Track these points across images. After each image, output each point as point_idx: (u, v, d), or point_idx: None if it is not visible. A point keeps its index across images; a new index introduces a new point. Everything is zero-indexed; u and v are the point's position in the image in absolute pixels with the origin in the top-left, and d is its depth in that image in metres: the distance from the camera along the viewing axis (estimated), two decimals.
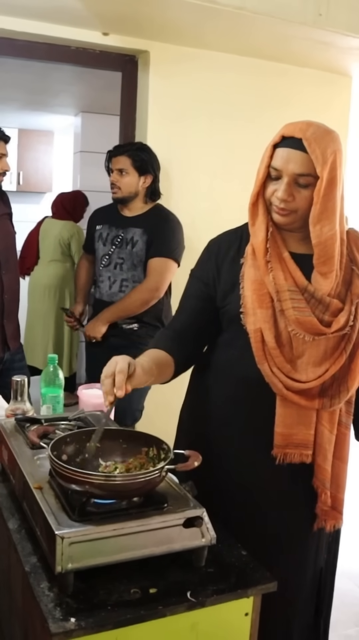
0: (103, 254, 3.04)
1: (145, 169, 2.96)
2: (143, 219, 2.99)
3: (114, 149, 3.04)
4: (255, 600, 1.28)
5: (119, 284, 2.99)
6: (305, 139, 1.44)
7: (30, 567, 1.25)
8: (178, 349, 1.64)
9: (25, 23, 2.89)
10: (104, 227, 3.07)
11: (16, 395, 1.86)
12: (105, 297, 3.04)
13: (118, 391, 1.35)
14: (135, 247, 2.95)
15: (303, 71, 3.50)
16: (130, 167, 2.95)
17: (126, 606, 1.16)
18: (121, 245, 2.98)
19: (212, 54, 3.28)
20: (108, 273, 3.02)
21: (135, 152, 2.97)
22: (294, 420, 1.54)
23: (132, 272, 2.97)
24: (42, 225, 4.66)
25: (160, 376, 1.59)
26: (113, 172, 2.99)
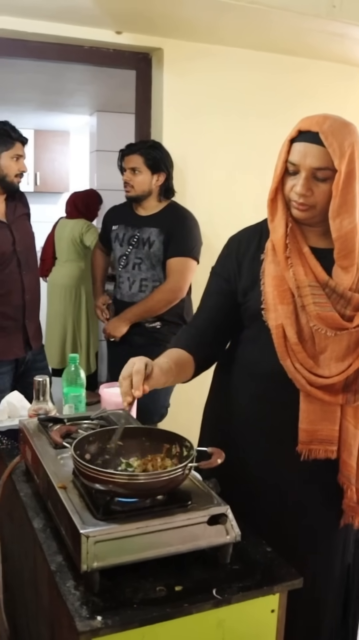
0: (121, 255, 3.04)
1: (157, 166, 2.96)
2: (159, 218, 2.99)
3: (126, 147, 3.04)
4: (281, 597, 1.27)
5: (139, 284, 3.00)
6: (322, 132, 1.42)
7: (55, 566, 1.26)
8: (198, 347, 1.64)
9: (37, 24, 2.90)
10: (120, 228, 3.07)
11: (38, 395, 1.87)
12: (126, 297, 3.04)
13: (135, 392, 1.36)
14: (152, 247, 2.95)
15: (319, 64, 3.47)
16: (142, 166, 2.95)
17: (152, 604, 1.16)
18: (137, 245, 2.98)
19: (226, 49, 3.26)
20: (127, 274, 3.03)
21: (147, 150, 2.96)
22: (318, 416, 1.54)
23: (151, 272, 2.98)
24: (56, 226, 4.68)
25: (180, 375, 1.59)
26: (126, 171, 2.99)
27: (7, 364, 2.82)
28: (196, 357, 1.63)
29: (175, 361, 1.56)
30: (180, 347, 1.64)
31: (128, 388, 1.37)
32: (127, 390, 1.37)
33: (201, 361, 1.65)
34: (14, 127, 2.77)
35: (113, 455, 1.40)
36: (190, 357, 1.62)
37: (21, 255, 2.81)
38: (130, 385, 1.37)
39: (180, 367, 1.57)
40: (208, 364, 1.71)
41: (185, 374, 1.62)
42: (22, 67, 3.83)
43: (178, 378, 1.59)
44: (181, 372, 1.58)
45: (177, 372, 1.55)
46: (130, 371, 1.38)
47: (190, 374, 1.64)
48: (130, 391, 1.37)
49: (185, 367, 1.60)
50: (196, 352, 1.63)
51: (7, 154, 2.72)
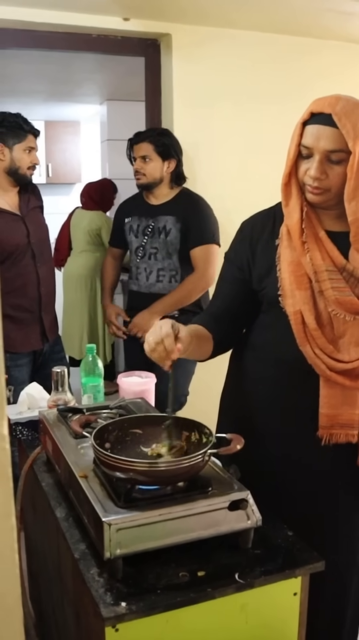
0: (137, 246, 3.03)
1: (168, 153, 2.95)
2: (173, 206, 2.98)
3: (135, 136, 3.03)
4: (303, 580, 1.28)
5: (156, 274, 2.99)
6: (335, 113, 1.41)
7: (79, 554, 1.28)
8: (216, 328, 1.65)
9: (44, 13, 2.89)
10: (133, 219, 3.06)
11: (57, 386, 1.88)
12: (144, 288, 3.04)
13: (172, 355, 1.37)
14: (169, 235, 2.94)
15: (331, 44, 3.42)
16: (153, 153, 2.94)
17: (175, 589, 1.17)
18: (153, 234, 2.97)
19: (235, 32, 3.23)
20: (144, 264, 3.02)
21: (157, 137, 2.95)
22: (339, 401, 1.53)
23: (167, 261, 2.97)
24: (72, 216, 4.68)
25: (199, 349, 1.59)
26: (137, 160, 2.98)
27: (25, 356, 2.83)
28: (215, 336, 1.64)
29: (195, 333, 1.56)
30: (198, 324, 1.64)
31: (164, 352, 1.37)
32: (163, 355, 1.38)
33: (219, 342, 1.65)
34: (26, 119, 2.77)
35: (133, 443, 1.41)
36: (209, 335, 1.63)
37: (35, 248, 2.82)
38: (164, 350, 1.37)
39: (199, 340, 1.58)
40: (225, 346, 1.71)
41: (204, 350, 1.62)
42: (31, 58, 3.82)
43: (198, 351, 1.59)
44: (201, 345, 1.59)
45: (197, 344, 1.55)
46: (159, 335, 1.38)
47: (208, 351, 1.64)
48: (167, 355, 1.37)
49: (204, 341, 1.61)
50: (214, 332, 1.64)
51: (19, 146, 2.72)
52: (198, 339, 1.56)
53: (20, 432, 1.93)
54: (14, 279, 2.74)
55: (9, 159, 2.72)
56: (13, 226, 2.76)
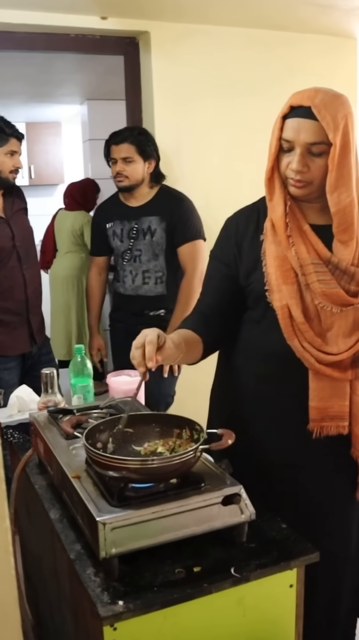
0: (124, 250, 2.97)
1: (148, 153, 2.91)
2: (155, 206, 2.94)
3: (113, 136, 2.95)
4: (299, 572, 1.29)
5: (141, 276, 2.95)
6: (314, 106, 1.41)
7: (75, 554, 1.28)
8: (205, 330, 1.64)
9: (23, 14, 2.87)
10: (115, 224, 3.00)
11: (47, 387, 1.88)
12: (129, 291, 2.99)
13: (149, 362, 1.36)
14: (155, 235, 2.90)
15: (308, 37, 3.43)
16: (135, 154, 2.88)
17: (172, 586, 1.18)
18: (137, 236, 2.93)
19: (214, 28, 3.23)
20: (129, 267, 2.97)
21: (137, 137, 2.90)
22: (328, 393, 1.54)
23: (153, 263, 2.93)
24: (56, 218, 4.67)
25: (189, 354, 1.59)
26: (117, 162, 2.90)
27: (14, 359, 2.83)
28: (204, 338, 1.63)
29: (184, 338, 1.56)
30: (187, 328, 1.64)
31: (141, 358, 1.37)
32: (140, 360, 1.38)
33: (209, 343, 1.65)
34: (9, 122, 2.74)
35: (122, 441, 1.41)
36: (199, 338, 1.62)
37: (21, 250, 2.81)
38: (142, 355, 1.37)
39: (189, 345, 1.57)
40: (215, 346, 1.71)
41: (194, 354, 1.62)
42: (11, 60, 3.81)
43: (187, 357, 1.59)
44: (190, 350, 1.58)
45: (187, 350, 1.55)
46: (142, 341, 1.38)
47: (198, 355, 1.64)
48: (143, 361, 1.37)
49: (194, 346, 1.61)
50: (204, 334, 1.63)
51: (1, 150, 2.70)
52: (187, 345, 1.56)
53: (12, 435, 1.93)
54: (1, 283, 2.73)
55: None
56: None
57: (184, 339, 1.56)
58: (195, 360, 1.65)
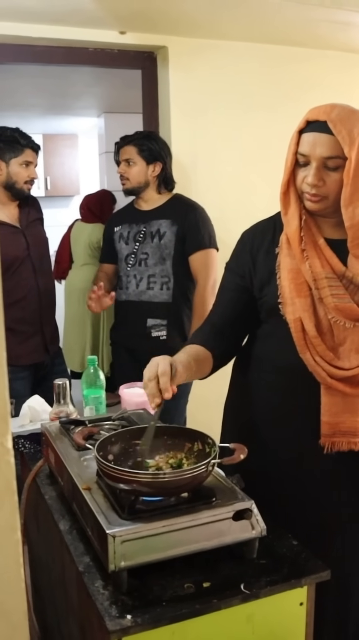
0: (128, 254, 2.92)
1: (152, 157, 2.87)
2: (167, 210, 2.89)
3: (121, 139, 2.96)
4: (309, 590, 1.27)
5: (146, 281, 2.87)
6: (330, 120, 1.42)
7: (83, 566, 1.27)
8: (216, 343, 1.64)
9: (42, 28, 2.91)
10: (123, 227, 2.96)
11: (59, 398, 1.88)
12: (133, 296, 2.90)
13: (165, 394, 1.35)
14: (163, 238, 2.84)
15: (324, 54, 3.44)
16: (136, 156, 2.86)
17: (181, 601, 1.17)
18: (144, 240, 2.87)
19: (230, 43, 3.25)
20: (134, 271, 2.90)
21: (141, 140, 2.88)
22: (340, 409, 1.53)
23: (159, 267, 2.85)
24: (72, 229, 4.67)
25: (199, 371, 1.58)
26: (121, 164, 2.91)
27: (26, 369, 2.83)
28: (215, 352, 1.63)
29: (194, 357, 1.56)
30: (197, 343, 1.64)
31: (156, 390, 1.36)
32: (155, 392, 1.37)
33: (219, 357, 1.65)
34: (24, 133, 2.78)
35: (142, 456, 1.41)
36: (208, 353, 1.62)
37: (35, 260, 2.83)
38: (156, 386, 1.36)
39: (198, 364, 1.57)
40: (226, 359, 1.71)
41: (204, 370, 1.62)
42: (29, 72, 3.85)
43: (197, 374, 1.58)
44: (199, 368, 1.58)
45: (196, 369, 1.55)
46: (155, 372, 1.37)
47: (208, 370, 1.64)
48: (158, 393, 1.36)
49: (203, 363, 1.60)
50: (214, 348, 1.63)
51: (15, 160, 2.73)
52: (197, 363, 1.55)
53: (23, 445, 1.93)
54: (15, 292, 2.75)
55: (6, 174, 2.73)
56: (12, 238, 2.76)
57: (194, 357, 1.56)
58: (203, 375, 1.64)
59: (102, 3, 2.66)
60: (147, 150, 2.87)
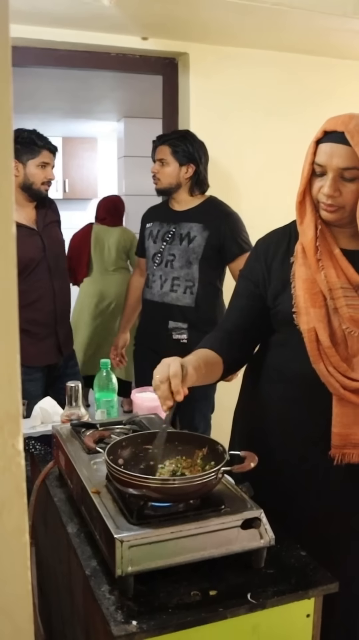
0: (155, 252, 2.90)
1: (186, 158, 2.83)
2: (200, 213, 2.85)
3: (157, 138, 2.95)
4: (317, 602, 1.26)
5: (170, 282, 2.85)
6: (348, 131, 1.41)
7: (90, 570, 1.27)
8: (227, 349, 1.64)
9: (65, 33, 2.93)
10: (154, 224, 2.94)
11: (70, 400, 1.89)
12: (156, 297, 2.90)
13: (177, 396, 1.35)
14: (193, 242, 2.80)
15: (345, 63, 3.44)
16: (169, 157, 2.83)
17: (187, 608, 1.16)
18: (172, 241, 2.85)
19: (252, 51, 3.26)
20: (159, 272, 2.88)
21: (175, 140, 2.85)
22: (351, 420, 1.52)
23: (185, 270, 2.82)
24: (92, 233, 4.52)
25: (209, 375, 1.57)
26: (155, 163, 2.89)
27: (39, 370, 2.84)
28: (225, 358, 1.62)
29: (204, 360, 1.55)
30: (208, 347, 1.63)
31: (167, 392, 1.36)
32: (166, 394, 1.36)
33: (230, 363, 1.65)
34: (41, 135, 2.80)
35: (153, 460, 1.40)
36: (219, 358, 1.61)
37: (51, 262, 2.84)
38: (168, 389, 1.36)
39: (209, 367, 1.56)
40: (236, 366, 1.71)
41: (214, 375, 1.61)
42: (50, 76, 3.88)
43: (207, 378, 1.57)
44: (209, 372, 1.57)
45: (206, 372, 1.54)
46: (166, 374, 1.37)
47: (218, 375, 1.63)
48: (170, 396, 1.36)
49: (213, 367, 1.60)
50: (225, 354, 1.62)
51: (32, 162, 2.75)
52: (207, 368, 1.55)
53: (33, 447, 1.93)
54: (30, 293, 2.76)
55: (23, 175, 2.74)
56: (29, 240, 2.78)
57: (204, 360, 1.55)
58: (213, 380, 1.64)
59: (125, 9, 2.67)
60: (180, 152, 2.83)
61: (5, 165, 0.68)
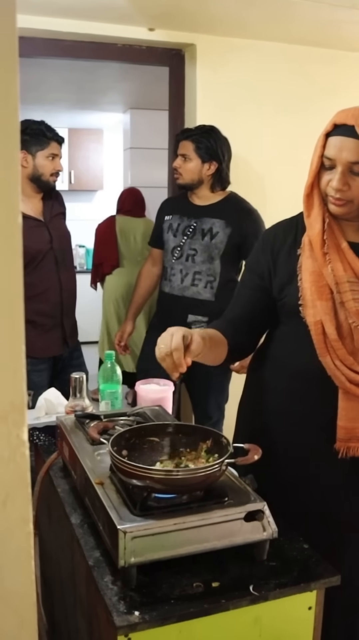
0: (175, 246, 2.91)
1: (209, 155, 2.85)
2: (221, 210, 2.87)
3: (181, 132, 2.96)
4: (319, 594, 1.27)
5: (191, 277, 2.87)
6: (358, 125, 1.41)
7: (93, 561, 1.28)
8: (232, 333, 1.65)
9: (71, 23, 2.92)
10: (174, 218, 2.95)
11: (75, 392, 1.89)
12: (176, 290, 2.91)
13: (179, 368, 1.38)
14: (215, 238, 2.83)
15: (354, 56, 3.42)
16: (192, 153, 2.85)
17: (189, 600, 1.17)
18: (193, 235, 2.86)
19: (259, 43, 3.24)
20: (179, 265, 2.90)
21: (199, 137, 2.85)
22: (357, 414, 1.52)
23: (207, 265, 2.85)
24: (116, 224, 4.48)
25: (213, 350, 1.57)
26: (178, 157, 2.90)
27: (45, 362, 2.85)
28: (230, 340, 1.63)
29: (209, 335, 1.55)
30: (214, 328, 1.64)
31: (172, 364, 1.38)
32: (171, 367, 1.39)
33: (234, 349, 1.65)
34: (50, 126, 2.80)
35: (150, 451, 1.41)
36: (224, 339, 1.62)
37: (58, 254, 2.85)
38: (172, 362, 1.38)
39: (213, 343, 1.56)
40: (240, 353, 1.71)
41: (218, 354, 1.61)
42: (56, 66, 3.87)
43: (211, 355, 1.57)
44: (214, 347, 1.57)
45: (211, 346, 1.53)
46: (169, 346, 1.38)
47: (222, 356, 1.63)
48: (176, 367, 1.38)
49: (218, 345, 1.60)
50: (229, 336, 1.64)
51: (42, 153, 2.76)
52: (212, 342, 1.55)
53: (37, 438, 1.94)
54: (37, 285, 2.77)
55: (32, 166, 2.75)
56: (36, 232, 2.78)
57: (209, 335, 1.55)
58: (218, 361, 1.64)
59: (132, 1, 2.66)
60: (204, 148, 2.85)
61: (12, 156, 0.68)
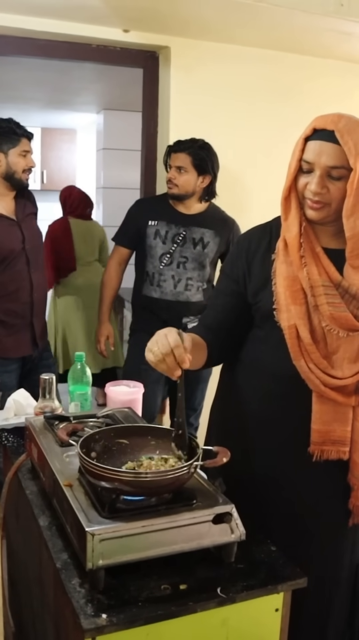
0: (164, 253, 2.97)
1: (204, 168, 2.93)
2: (209, 220, 3.00)
3: (175, 144, 2.99)
4: (286, 596, 1.27)
5: (184, 282, 2.97)
6: (337, 130, 1.42)
7: (61, 563, 1.26)
8: (210, 337, 1.65)
9: (46, 22, 2.91)
10: (161, 224, 2.98)
11: (44, 393, 1.88)
12: (169, 296, 2.98)
13: (183, 364, 1.35)
14: (207, 248, 2.97)
15: (326, 62, 3.46)
16: (189, 165, 2.91)
17: (157, 602, 1.16)
18: (183, 243, 2.95)
19: (233, 47, 3.26)
20: (171, 272, 2.97)
21: (196, 150, 2.92)
22: (331, 417, 1.53)
23: (197, 272, 2.98)
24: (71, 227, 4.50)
25: (196, 353, 1.54)
26: (172, 169, 2.94)
27: (15, 362, 2.83)
28: (209, 343, 1.64)
29: (191, 337, 1.55)
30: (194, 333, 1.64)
31: (174, 363, 1.35)
32: (174, 365, 1.35)
33: (212, 354, 1.65)
34: (18, 123, 2.79)
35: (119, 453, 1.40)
36: (204, 343, 1.63)
37: (30, 254, 2.82)
38: (174, 360, 1.35)
39: (195, 345, 1.54)
40: (219, 359, 1.71)
41: (199, 358, 1.60)
42: (30, 65, 3.84)
43: (195, 355, 1.53)
44: (196, 351, 1.54)
45: (194, 349, 1.51)
46: (168, 346, 1.35)
47: (202, 360, 1.63)
48: (178, 365, 1.35)
49: (200, 349, 1.60)
50: (209, 340, 1.64)
51: (14, 150, 2.74)
52: (194, 342, 1.54)
53: (6, 439, 1.92)
54: (8, 284, 2.74)
55: (5, 164, 2.73)
56: (9, 231, 2.76)
57: (191, 337, 1.54)
58: (198, 365, 1.63)
59: (107, 1, 2.66)
60: (200, 161, 2.92)
61: None
